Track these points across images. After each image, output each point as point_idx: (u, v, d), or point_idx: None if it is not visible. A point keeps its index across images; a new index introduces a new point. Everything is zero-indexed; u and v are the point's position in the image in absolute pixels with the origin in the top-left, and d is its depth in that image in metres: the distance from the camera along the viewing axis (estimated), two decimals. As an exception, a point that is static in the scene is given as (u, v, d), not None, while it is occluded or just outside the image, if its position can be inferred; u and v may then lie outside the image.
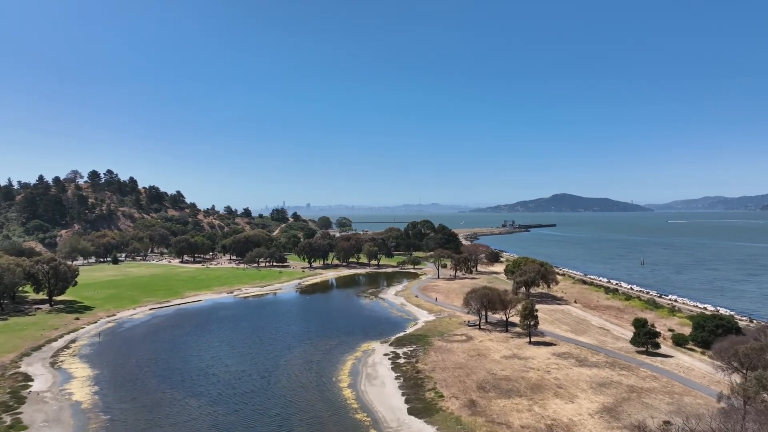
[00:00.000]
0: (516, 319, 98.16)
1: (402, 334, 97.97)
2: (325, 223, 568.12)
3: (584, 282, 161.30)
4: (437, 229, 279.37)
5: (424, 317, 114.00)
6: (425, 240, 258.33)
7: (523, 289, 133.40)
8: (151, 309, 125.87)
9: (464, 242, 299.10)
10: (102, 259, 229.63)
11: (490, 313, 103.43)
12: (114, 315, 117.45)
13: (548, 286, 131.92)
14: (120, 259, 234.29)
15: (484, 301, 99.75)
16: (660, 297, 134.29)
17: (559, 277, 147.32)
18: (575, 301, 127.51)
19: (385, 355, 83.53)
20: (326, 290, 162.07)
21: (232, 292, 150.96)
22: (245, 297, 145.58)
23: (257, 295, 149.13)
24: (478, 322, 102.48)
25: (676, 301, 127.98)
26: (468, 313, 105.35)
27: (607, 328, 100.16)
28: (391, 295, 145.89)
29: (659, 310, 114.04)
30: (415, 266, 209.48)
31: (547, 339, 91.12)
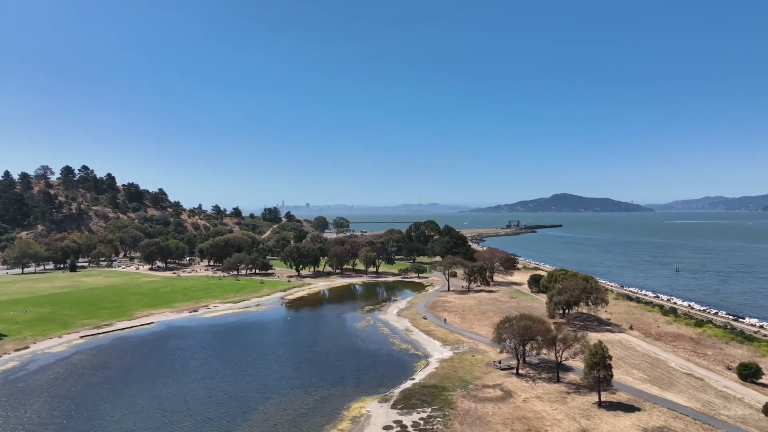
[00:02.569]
0: (574, 364, 70.16)
1: (409, 384, 69.40)
2: (321, 223, 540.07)
3: (629, 297, 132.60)
4: (443, 230, 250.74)
5: (437, 352, 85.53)
6: (430, 243, 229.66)
7: (558, 310, 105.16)
8: (82, 337, 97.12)
9: (473, 245, 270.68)
10: (60, 266, 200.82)
11: (526, 348, 75.00)
12: (27, 348, 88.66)
13: (595, 307, 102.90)
14: (82, 265, 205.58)
15: (525, 336, 71.32)
16: (736, 320, 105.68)
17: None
18: (631, 327, 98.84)
19: (386, 429, 55.02)
20: (314, 307, 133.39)
21: (196, 311, 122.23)
22: (212, 317, 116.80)
23: (227, 314, 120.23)
24: (515, 365, 73.91)
25: (762, 327, 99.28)
26: (501, 351, 76.94)
27: (697, 374, 71.55)
28: (393, 314, 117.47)
29: (753, 344, 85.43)
30: (420, 275, 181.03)
31: (622, 397, 62.58)
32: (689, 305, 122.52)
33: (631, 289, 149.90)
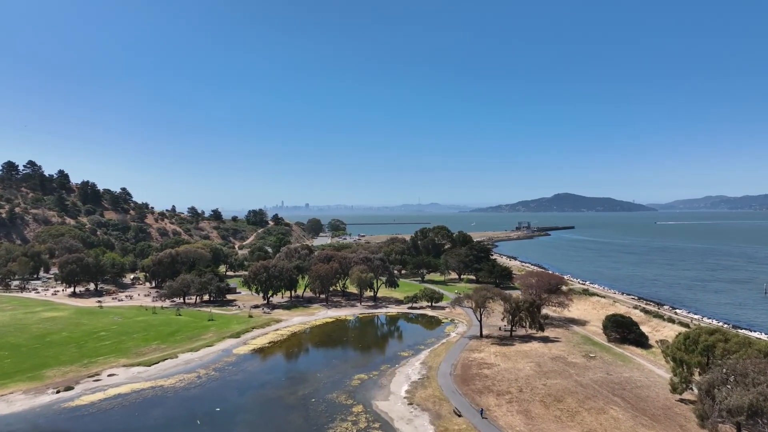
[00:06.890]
0: None
1: None
2: (315, 226, 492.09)
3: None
4: (457, 238, 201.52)
5: None
6: (443, 256, 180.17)
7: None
8: None
9: (498, 258, 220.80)
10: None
11: None
12: None
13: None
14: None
15: None
16: None
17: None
18: None
19: None
20: (272, 372, 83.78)
21: (71, 388, 72.74)
22: (86, 405, 67.22)
23: (119, 395, 70.50)
24: None
25: None
26: None
27: None
28: (400, 398, 68.31)
29: None
30: (434, 304, 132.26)
31: None
32: None
33: (751, 333, 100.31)
